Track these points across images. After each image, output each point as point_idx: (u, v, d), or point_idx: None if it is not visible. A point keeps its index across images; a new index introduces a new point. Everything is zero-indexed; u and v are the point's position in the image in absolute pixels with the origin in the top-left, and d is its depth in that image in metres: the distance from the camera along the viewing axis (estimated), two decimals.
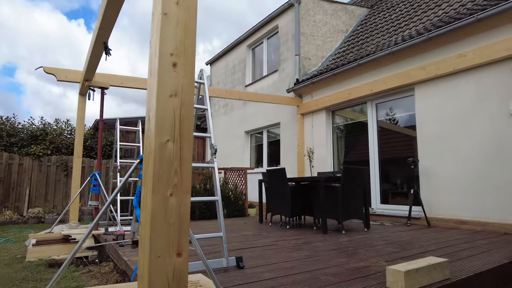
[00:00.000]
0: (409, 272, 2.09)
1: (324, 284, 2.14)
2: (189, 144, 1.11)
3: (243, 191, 7.13)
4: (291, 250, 3.24)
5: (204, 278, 2.16)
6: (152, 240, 1.00)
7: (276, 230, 4.70)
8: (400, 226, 5.01)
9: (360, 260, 2.79)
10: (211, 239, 3.77)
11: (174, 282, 1.01)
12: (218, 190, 2.64)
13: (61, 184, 9.15)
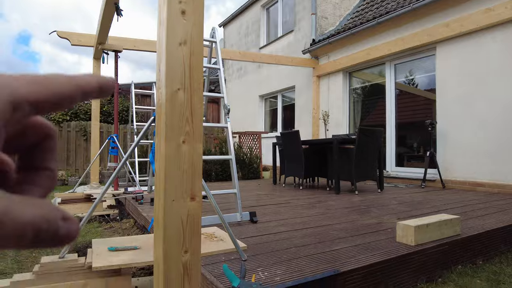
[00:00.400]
0: (420, 227, 2.13)
1: (334, 238, 2.21)
2: (199, 94, 1.12)
3: (257, 155, 7.21)
4: (303, 208, 3.32)
5: (219, 230, 2.27)
6: (166, 185, 1.04)
7: (290, 190, 4.79)
8: (414, 188, 5.01)
9: (371, 217, 2.84)
10: (225, 197, 3.90)
11: (188, 224, 1.07)
12: (231, 149, 2.68)
13: (81, 149, 9.47)
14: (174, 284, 1.04)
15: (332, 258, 1.82)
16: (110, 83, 0.20)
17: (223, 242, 2.02)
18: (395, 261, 1.87)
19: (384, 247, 2.01)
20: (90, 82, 0.19)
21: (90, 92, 0.19)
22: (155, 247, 1.11)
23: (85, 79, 0.19)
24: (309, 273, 1.59)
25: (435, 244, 2.09)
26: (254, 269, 1.66)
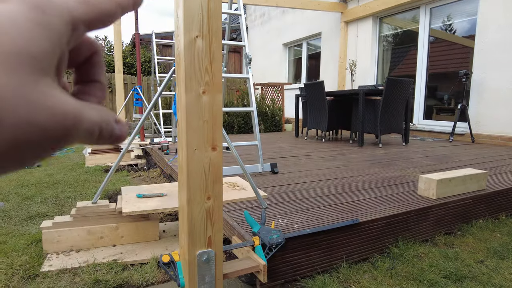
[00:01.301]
0: (442, 181, 2.09)
1: (354, 189, 2.23)
2: (219, 41, 1.09)
3: (280, 107, 7.13)
4: (324, 160, 3.33)
5: (241, 180, 2.33)
6: (188, 135, 1.06)
7: (312, 143, 4.78)
8: (441, 142, 4.87)
9: (394, 170, 2.81)
10: (247, 149, 3.96)
11: (210, 172, 1.10)
12: (253, 101, 2.66)
13: (106, 101, 9.72)
14: (197, 228, 1.10)
15: (351, 208, 1.85)
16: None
17: (244, 191, 2.08)
18: (415, 214, 1.88)
19: (405, 200, 2.01)
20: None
21: (127, 7, 0.21)
22: (180, 194, 1.16)
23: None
24: (328, 222, 1.63)
25: (457, 198, 2.07)
26: (274, 216, 1.73)
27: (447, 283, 1.52)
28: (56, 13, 0.18)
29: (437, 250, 1.82)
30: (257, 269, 1.29)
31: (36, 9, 0.17)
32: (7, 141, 0.15)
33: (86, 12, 0.19)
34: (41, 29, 0.17)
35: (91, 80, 0.23)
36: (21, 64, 0.16)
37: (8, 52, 0.15)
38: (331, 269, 1.60)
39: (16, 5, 0.17)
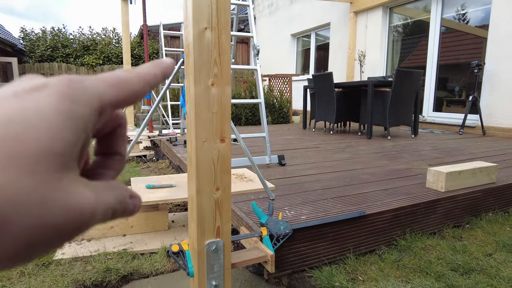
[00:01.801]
0: (451, 174, 2.08)
1: (362, 181, 2.22)
2: (227, 33, 1.08)
3: (287, 99, 7.10)
4: (332, 152, 3.32)
5: (248, 171, 2.35)
6: (197, 127, 1.07)
7: (319, 135, 4.76)
8: (451, 134, 4.81)
9: (402, 163, 2.80)
10: (255, 141, 3.96)
11: (219, 163, 1.11)
12: (261, 92, 2.65)
13: None
14: (206, 218, 1.11)
15: (359, 200, 1.85)
16: (171, 66, 0.22)
17: (252, 182, 2.10)
18: (423, 207, 1.87)
19: (413, 193, 2.01)
20: (156, 74, 0.21)
21: (155, 84, 0.21)
22: (189, 185, 1.18)
23: (151, 73, 0.21)
24: (334, 213, 1.64)
25: (467, 192, 2.05)
26: (281, 208, 1.74)
27: (455, 276, 1.52)
28: (86, 102, 0.18)
29: (445, 243, 1.82)
30: (264, 259, 1.31)
31: (67, 100, 0.17)
32: (17, 244, 0.15)
33: (116, 95, 0.19)
34: (69, 122, 0.17)
35: (112, 152, 0.23)
36: (42, 163, 0.15)
37: (30, 151, 0.15)
38: (338, 260, 1.62)
39: (47, 95, 0.17)
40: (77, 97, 0.17)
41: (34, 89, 0.17)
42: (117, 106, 0.19)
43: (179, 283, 1.54)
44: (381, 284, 1.43)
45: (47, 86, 0.17)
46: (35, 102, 0.16)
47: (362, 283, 1.46)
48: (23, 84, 0.17)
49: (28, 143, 0.15)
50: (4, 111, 0.15)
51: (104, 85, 0.19)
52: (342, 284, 1.42)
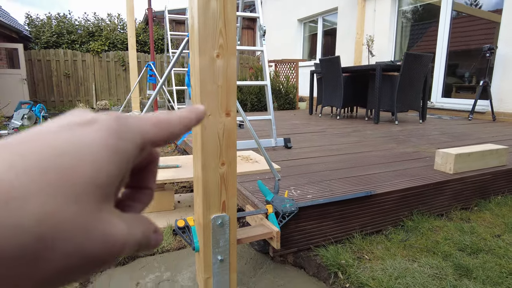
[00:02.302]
0: (461, 155, 2.04)
1: (369, 163, 2.20)
2: (233, 2, 1.05)
3: (294, 85, 7.03)
4: (339, 136, 3.29)
5: (254, 153, 2.33)
6: (202, 100, 1.05)
7: (326, 120, 4.72)
8: (460, 120, 4.73)
9: (409, 146, 2.76)
10: (260, 125, 3.94)
11: (224, 138, 1.09)
12: (267, 74, 2.62)
13: (121, 79, 9.77)
14: (212, 193, 1.11)
15: (365, 181, 1.83)
16: (203, 112, 0.24)
17: (258, 164, 2.09)
18: (431, 188, 1.85)
19: (420, 174, 1.98)
20: (191, 119, 0.23)
21: (191, 127, 0.23)
22: (194, 160, 1.17)
23: (188, 117, 0.22)
24: (341, 193, 1.62)
25: (476, 174, 2.02)
26: (287, 187, 1.73)
27: (462, 255, 1.51)
28: (131, 138, 0.19)
29: (453, 224, 1.80)
30: (270, 235, 1.30)
31: (115, 135, 0.18)
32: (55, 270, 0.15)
33: (157, 135, 0.21)
34: (114, 157, 0.18)
35: (143, 186, 0.23)
36: (88, 194, 0.16)
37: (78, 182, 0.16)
38: (344, 239, 1.61)
39: (97, 130, 0.18)
40: (123, 133, 0.19)
41: (86, 124, 0.18)
42: (156, 144, 0.21)
43: (185, 260, 1.55)
44: (387, 262, 1.43)
45: (97, 121, 0.18)
46: (86, 135, 0.17)
47: (368, 261, 1.45)
48: (75, 118, 0.19)
49: (77, 174, 0.16)
50: (59, 142, 0.17)
51: (146, 124, 0.20)
52: (348, 262, 1.41)
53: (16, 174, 0.15)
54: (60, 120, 0.18)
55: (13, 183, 0.15)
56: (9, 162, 0.15)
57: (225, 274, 1.17)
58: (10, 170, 0.15)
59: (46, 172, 0.16)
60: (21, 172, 0.15)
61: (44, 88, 8.97)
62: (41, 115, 6.18)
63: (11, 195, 0.15)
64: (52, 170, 0.16)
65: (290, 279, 1.41)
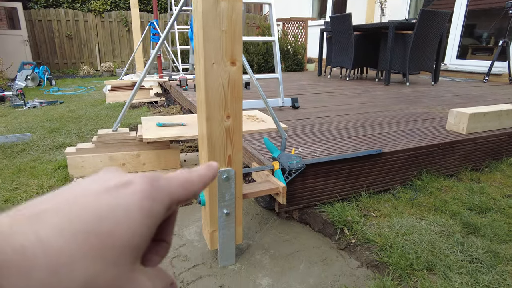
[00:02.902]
0: (475, 115, 1.97)
1: (378, 123, 2.14)
2: None
3: (302, 45, 6.77)
4: (348, 96, 3.20)
5: (260, 113, 2.28)
6: (205, 47, 0.98)
7: (335, 81, 4.58)
8: (474, 82, 4.56)
9: (421, 107, 2.67)
10: (267, 85, 3.84)
11: (229, 89, 1.04)
12: (274, 31, 2.49)
13: (124, 40, 9.51)
14: (217, 146, 1.07)
15: (375, 140, 1.78)
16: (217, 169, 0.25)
17: (264, 123, 2.04)
18: (441, 148, 1.79)
19: (431, 134, 1.92)
20: (209, 176, 0.24)
21: (208, 184, 0.24)
22: (199, 113, 1.12)
23: (206, 175, 0.24)
24: (349, 151, 1.58)
25: (489, 134, 1.95)
26: (294, 145, 1.69)
27: (470, 214, 1.49)
28: (161, 199, 0.20)
29: (462, 185, 1.77)
30: (276, 191, 1.28)
31: (148, 198, 0.20)
32: None
33: (182, 194, 0.22)
34: (147, 220, 0.19)
35: (160, 239, 0.24)
36: (125, 256, 0.18)
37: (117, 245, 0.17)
38: (350, 197, 1.59)
39: (132, 193, 0.19)
40: (155, 195, 0.20)
41: (122, 186, 0.19)
42: (180, 202, 0.22)
43: (191, 216, 1.56)
44: (394, 220, 1.42)
45: (132, 183, 0.20)
46: (123, 199, 0.19)
47: (375, 219, 1.44)
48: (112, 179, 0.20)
49: (116, 238, 0.17)
50: (100, 205, 0.18)
51: (174, 185, 0.22)
52: (354, 218, 1.40)
53: (65, 240, 0.16)
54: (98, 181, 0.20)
55: (63, 250, 0.16)
56: (59, 227, 0.17)
57: (231, 227, 1.16)
58: (61, 235, 0.16)
59: (89, 237, 0.17)
60: (70, 237, 0.16)
61: (47, 50, 8.81)
62: (45, 77, 6.11)
63: (60, 261, 0.16)
64: (95, 234, 0.17)
65: (295, 235, 1.41)
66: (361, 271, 1.20)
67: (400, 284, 1.09)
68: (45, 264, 0.15)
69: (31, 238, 0.16)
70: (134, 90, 1.88)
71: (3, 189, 1.75)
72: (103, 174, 0.21)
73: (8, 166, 2.06)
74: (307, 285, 1.14)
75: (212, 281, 1.15)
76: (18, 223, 0.16)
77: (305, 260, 1.26)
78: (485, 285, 1.06)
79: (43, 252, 0.16)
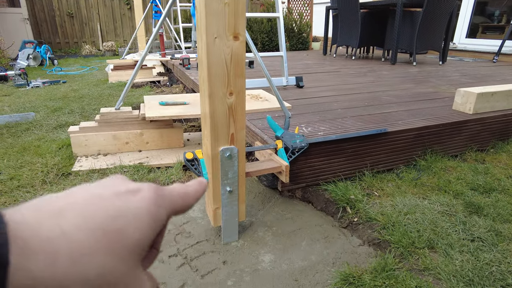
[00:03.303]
0: (483, 95, 1.93)
1: (384, 102, 2.11)
2: None
3: (308, 23, 6.62)
4: (353, 76, 3.14)
5: (264, 92, 2.25)
6: (207, 20, 0.95)
7: (340, 60, 4.50)
8: (483, 62, 4.45)
9: (428, 87, 2.62)
10: (271, 64, 3.79)
11: (232, 65, 1.01)
12: (279, 6, 2.42)
13: (126, 19, 9.35)
14: (220, 124, 1.06)
15: (380, 119, 1.76)
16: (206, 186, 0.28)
17: (268, 102, 2.02)
18: (447, 128, 1.77)
19: (438, 114, 1.89)
20: (201, 192, 0.27)
21: (199, 198, 0.27)
22: (201, 90, 1.11)
23: (199, 190, 0.26)
24: (353, 131, 1.57)
25: (497, 114, 1.92)
26: (298, 124, 1.68)
27: (474, 194, 1.48)
28: (165, 206, 0.23)
29: (466, 165, 1.76)
30: (279, 169, 1.28)
31: (155, 204, 0.22)
32: None
33: (181, 206, 0.24)
34: (153, 223, 0.21)
35: (152, 247, 0.26)
36: (133, 254, 0.20)
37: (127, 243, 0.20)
38: (354, 176, 1.59)
39: (141, 199, 0.22)
40: (160, 202, 0.23)
41: (131, 192, 0.22)
42: (178, 213, 0.25)
43: None
44: (397, 199, 1.41)
45: (140, 190, 0.22)
46: (134, 203, 0.21)
47: (378, 198, 1.44)
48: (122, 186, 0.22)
49: (127, 236, 0.20)
50: (114, 207, 0.20)
51: (175, 196, 0.24)
52: (357, 197, 1.40)
53: (84, 234, 0.18)
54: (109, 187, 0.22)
55: (83, 243, 0.18)
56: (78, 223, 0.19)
57: (234, 204, 1.17)
58: (80, 230, 0.18)
59: (105, 233, 0.19)
60: (88, 232, 0.18)
61: (48, 29, 8.69)
62: (47, 57, 6.06)
63: (80, 252, 0.18)
64: (109, 231, 0.19)
65: (297, 213, 1.42)
66: (363, 249, 1.21)
67: (401, 261, 1.10)
68: (68, 254, 0.18)
69: (56, 230, 0.18)
70: (135, 69, 1.86)
71: (8, 167, 1.77)
72: (112, 181, 0.23)
73: (13, 145, 2.08)
74: (309, 261, 1.15)
75: (215, 257, 1.17)
76: (43, 218, 0.18)
77: (307, 238, 1.27)
78: (486, 263, 1.06)
79: (66, 244, 0.18)
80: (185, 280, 1.07)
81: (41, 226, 0.18)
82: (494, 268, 1.05)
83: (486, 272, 1.03)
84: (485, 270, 1.04)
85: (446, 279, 1.01)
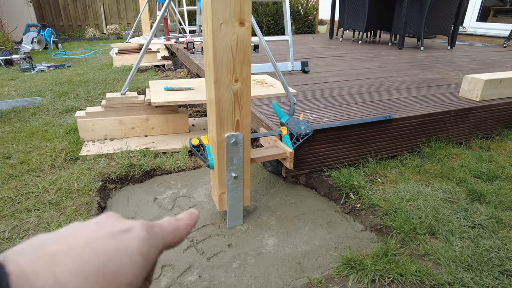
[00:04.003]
0: (491, 81, 1.91)
1: (390, 89, 2.09)
2: None
3: (314, 5, 6.49)
4: (360, 61, 3.11)
5: (269, 77, 2.24)
6: (213, 6, 0.95)
7: (347, 44, 4.44)
8: (493, 47, 4.36)
9: (435, 73, 2.59)
10: (276, 49, 3.75)
11: (238, 51, 1.01)
12: None
13: (130, 1, 9.22)
14: (225, 111, 1.07)
15: (385, 106, 1.76)
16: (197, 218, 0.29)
17: (273, 87, 2.01)
18: (453, 115, 1.76)
19: (444, 101, 1.88)
20: (192, 225, 0.28)
21: (190, 232, 0.28)
22: (207, 76, 1.11)
23: (190, 224, 0.28)
24: (358, 117, 1.57)
25: (505, 101, 1.90)
26: (303, 111, 1.68)
27: (477, 182, 1.49)
28: (156, 245, 0.24)
29: (471, 153, 1.76)
30: (283, 156, 1.30)
31: (147, 243, 0.23)
32: None
33: (172, 241, 0.26)
34: (145, 262, 0.22)
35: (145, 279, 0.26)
36: None
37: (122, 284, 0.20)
38: (357, 163, 1.60)
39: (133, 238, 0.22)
40: (152, 241, 0.24)
41: (124, 232, 0.23)
42: (169, 248, 0.26)
43: (200, 179, 1.60)
44: (400, 186, 1.43)
45: (132, 229, 0.23)
46: (127, 243, 0.22)
47: (381, 184, 1.45)
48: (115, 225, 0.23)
49: (121, 278, 0.20)
50: (108, 249, 0.21)
51: (165, 233, 0.25)
52: (360, 183, 1.42)
53: (79, 281, 0.19)
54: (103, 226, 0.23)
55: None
56: (74, 269, 0.19)
57: (239, 190, 1.19)
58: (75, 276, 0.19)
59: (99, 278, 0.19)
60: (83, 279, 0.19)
61: (51, 12, 8.61)
62: (51, 40, 6.04)
63: None
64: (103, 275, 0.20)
65: (301, 198, 1.44)
66: (365, 234, 1.24)
67: (403, 247, 1.13)
68: None
69: (51, 280, 0.18)
70: (141, 53, 1.86)
71: (18, 151, 1.80)
72: (106, 219, 0.24)
73: (21, 130, 2.11)
74: (311, 246, 1.18)
75: (220, 240, 1.21)
76: (39, 266, 0.19)
77: (310, 223, 1.30)
78: (485, 249, 1.08)
79: None
80: (192, 263, 1.11)
81: (37, 276, 0.18)
82: (493, 254, 1.07)
83: (485, 258, 1.05)
84: (484, 256, 1.06)
85: (446, 264, 1.04)
